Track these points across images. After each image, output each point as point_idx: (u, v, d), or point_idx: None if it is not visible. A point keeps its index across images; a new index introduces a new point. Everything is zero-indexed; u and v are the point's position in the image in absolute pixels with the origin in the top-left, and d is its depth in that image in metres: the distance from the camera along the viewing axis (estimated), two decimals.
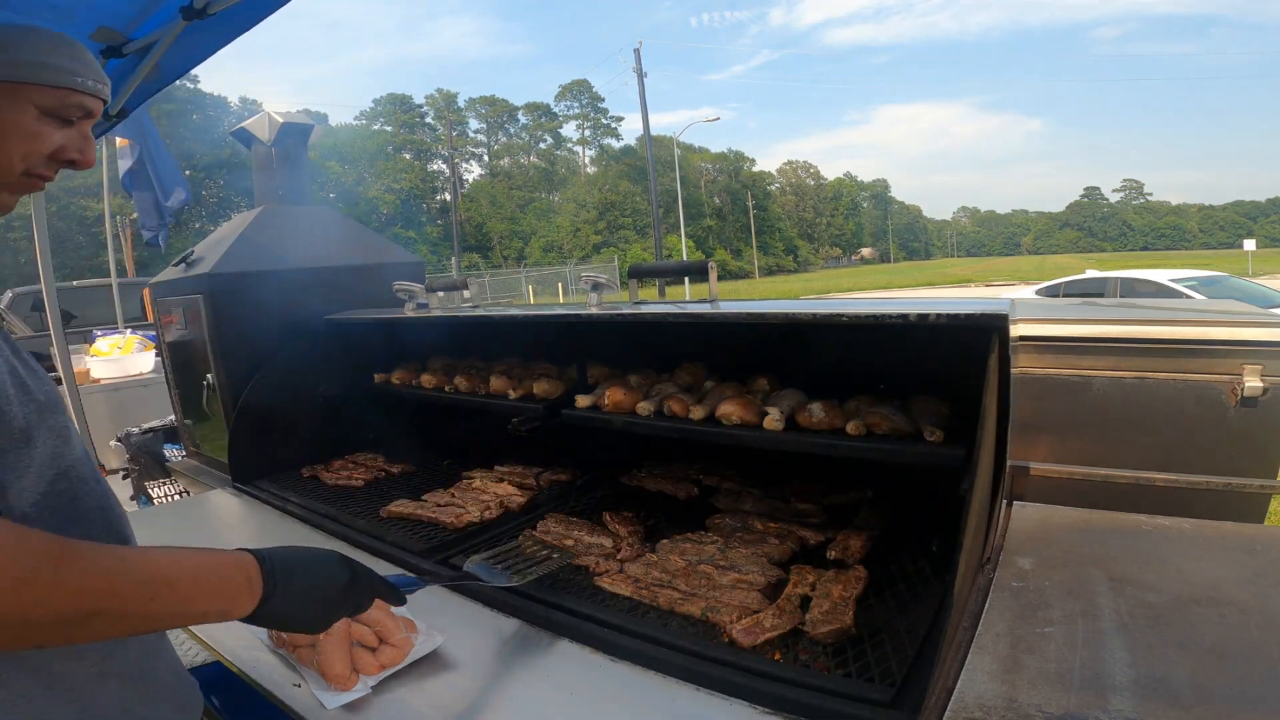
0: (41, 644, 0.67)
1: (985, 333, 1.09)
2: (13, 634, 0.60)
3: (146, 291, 4.62)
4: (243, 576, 0.78)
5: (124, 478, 3.16)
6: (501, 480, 1.97)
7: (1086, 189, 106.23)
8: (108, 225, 8.23)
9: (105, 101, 0.92)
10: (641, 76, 28.73)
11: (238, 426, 2.19)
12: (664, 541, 1.49)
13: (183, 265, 2.39)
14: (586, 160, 67.38)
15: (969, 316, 1.06)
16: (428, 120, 57.75)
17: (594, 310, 1.55)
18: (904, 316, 1.11)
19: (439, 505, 1.79)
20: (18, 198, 0.87)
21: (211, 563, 0.76)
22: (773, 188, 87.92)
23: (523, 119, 64.54)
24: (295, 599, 0.82)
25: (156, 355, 4.72)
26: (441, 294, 2.15)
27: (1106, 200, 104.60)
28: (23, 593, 0.58)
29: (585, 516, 1.66)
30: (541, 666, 1.11)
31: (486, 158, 62.75)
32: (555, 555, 1.36)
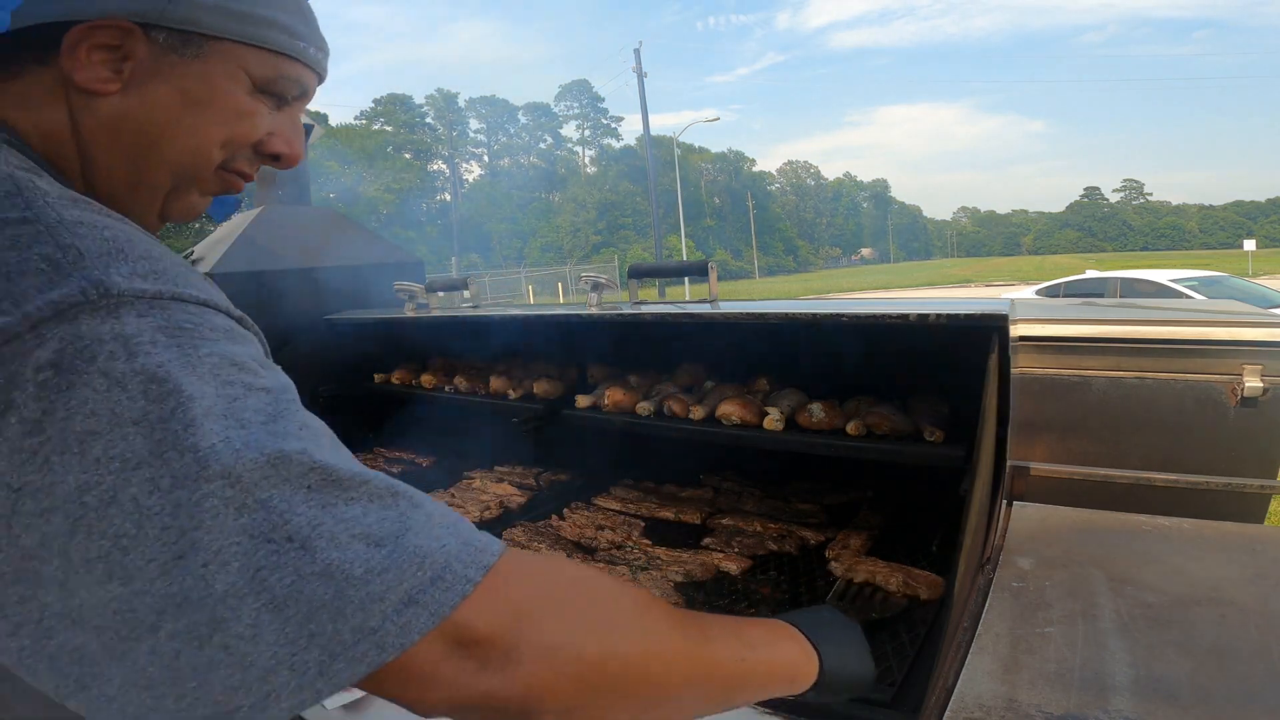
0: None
1: (985, 333, 1.09)
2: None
3: None
4: (794, 639, 0.65)
5: None
6: (501, 480, 1.97)
7: (1086, 189, 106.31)
8: None
9: (323, 79, 0.70)
10: (641, 77, 28.76)
11: None
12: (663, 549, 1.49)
13: None
14: (586, 160, 67.45)
15: (969, 316, 1.06)
16: (428, 120, 57.80)
17: (594, 310, 1.55)
18: (904, 316, 1.11)
19: None
20: (209, 200, 0.66)
21: (762, 625, 0.65)
22: (773, 188, 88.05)
23: (523, 119, 64.61)
24: (843, 650, 0.68)
25: None
26: (441, 294, 2.15)
27: (1106, 200, 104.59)
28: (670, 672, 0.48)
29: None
30: None
31: (486, 158, 62.82)
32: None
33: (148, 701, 0.39)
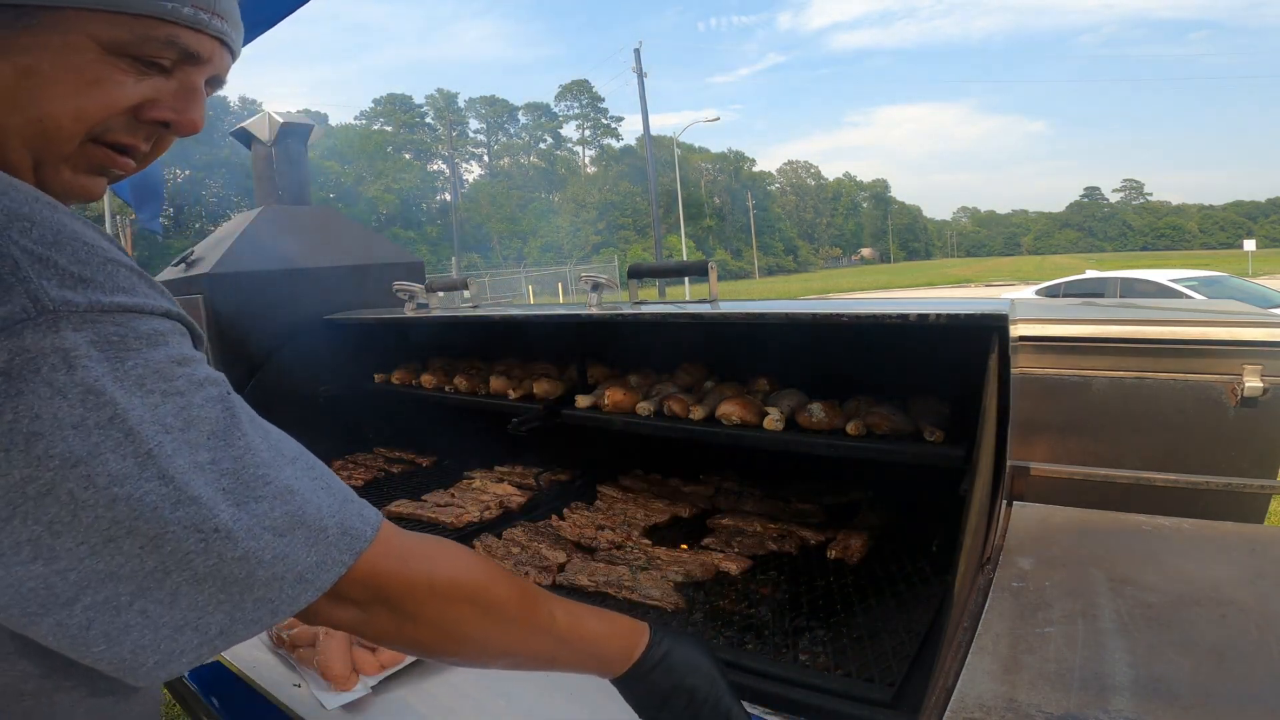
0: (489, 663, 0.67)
1: (985, 333, 1.09)
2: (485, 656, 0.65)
3: None
4: (635, 633, 0.79)
5: None
6: (501, 480, 1.97)
7: (1086, 189, 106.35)
8: (108, 225, 8.24)
9: (225, 43, 0.63)
10: (641, 77, 28.76)
11: None
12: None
13: (182, 265, 2.39)
14: (586, 160, 67.42)
15: (969, 316, 1.06)
16: (428, 120, 57.79)
17: (594, 310, 1.55)
18: (904, 316, 1.11)
19: (439, 505, 1.79)
20: (100, 180, 0.61)
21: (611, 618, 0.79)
22: (773, 188, 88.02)
23: (523, 119, 64.59)
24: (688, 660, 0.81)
25: None
26: (441, 294, 2.15)
27: (1106, 200, 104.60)
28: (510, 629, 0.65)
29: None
30: None
31: (486, 158, 62.80)
32: None
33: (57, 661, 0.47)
